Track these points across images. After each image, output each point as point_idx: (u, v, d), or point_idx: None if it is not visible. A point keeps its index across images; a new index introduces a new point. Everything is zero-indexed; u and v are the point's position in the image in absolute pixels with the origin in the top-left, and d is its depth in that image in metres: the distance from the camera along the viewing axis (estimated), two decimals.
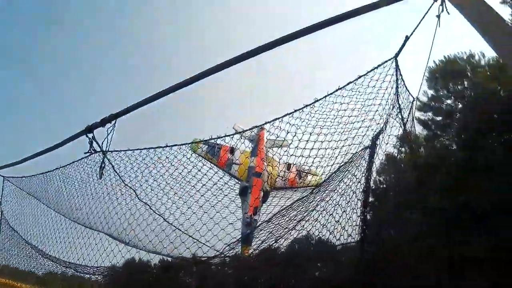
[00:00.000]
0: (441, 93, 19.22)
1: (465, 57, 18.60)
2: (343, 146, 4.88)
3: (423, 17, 4.86)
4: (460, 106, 18.83)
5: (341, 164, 4.74)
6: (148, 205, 6.33)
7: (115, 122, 5.19)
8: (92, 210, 6.62)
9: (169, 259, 6.95)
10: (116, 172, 6.19)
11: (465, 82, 18.49)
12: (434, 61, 19.12)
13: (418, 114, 18.97)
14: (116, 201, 6.36)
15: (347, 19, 4.12)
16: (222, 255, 4.61)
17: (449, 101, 19.19)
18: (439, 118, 19.48)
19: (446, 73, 18.59)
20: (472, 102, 17.61)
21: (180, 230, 6.15)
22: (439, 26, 5.28)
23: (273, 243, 4.67)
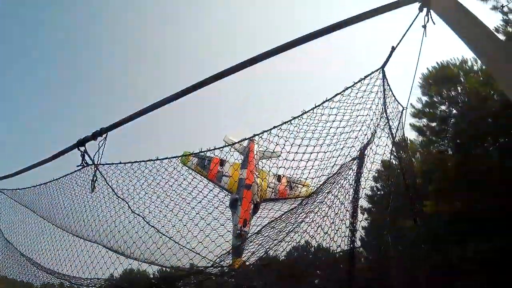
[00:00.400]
0: (435, 99, 19.52)
1: (457, 63, 18.90)
2: (331, 157, 4.93)
3: (409, 28, 4.91)
4: (454, 111, 19.07)
5: (329, 176, 4.79)
6: (141, 216, 6.37)
7: (106, 136, 5.27)
8: (86, 222, 6.65)
9: (168, 269, 6.97)
10: (109, 184, 6.23)
11: (459, 88, 18.78)
12: (427, 68, 19.39)
13: (412, 120, 19.14)
14: (109, 213, 6.40)
15: (333, 31, 4.20)
16: (214, 265, 4.64)
17: (443, 107, 19.48)
18: (433, 124, 19.75)
19: (439, 79, 18.90)
20: (466, 108, 17.84)
21: (174, 241, 6.21)
22: (426, 36, 5.37)
23: (263, 255, 4.70)
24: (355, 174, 4.90)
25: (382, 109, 5.52)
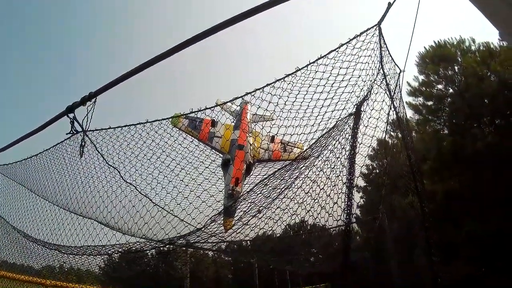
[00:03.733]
0: (432, 78, 19.40)
1: (455, 43, 18.75)
2: (326, 112, 4.76)
3: None
4: (450, 91, 18.97)
5: (325, 131, 4.63)
6: (133, 185, 6.22)
7: (95, 100, 5.15)
8: (79, 194, 6.50)
9: (165, 248, 6.83)
10: (99, 151, 6.06)
11: (456, 67, 18.66)
12: (424, 47, 19.25)
13: (409, 99, 19.02)
14: (101, 183, 6.25)
15: None
16: (205, 226, 4.49)
17: (439, 86, 19.35)
18: (430, 103, 19.66)
19: (436, 58, 18.74)
20: (462, 87, 17.74)
21: (166, 211, 6.07)
22: None
23: (255, 213, 4.56)
24: (351, 129, 4.75)
25: (379, 65, 5.35)
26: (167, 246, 5.49)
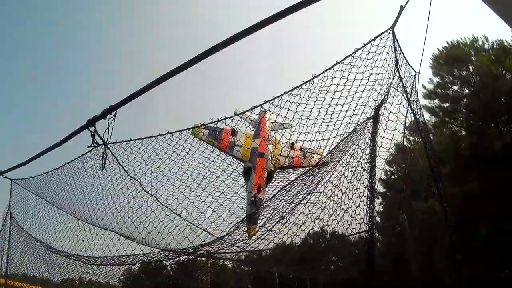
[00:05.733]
0: (447, 80, 19.20)
1: (468, 42, 18.56)
2: (345, 117, 4.81)
3: None
4: (466, 91, 18.73)
5: (345, 136, 4.68)
6: (155, 196, 6.32)
7: (116, 113, 5.22)
8: (99, 206, 6.61)
9: (184, 260, 6.86)
10: (120, 163, 6.19)
11: (470, 67, 18.44)
12: (437, 48, 19.09)
13: (425, 101, 18.82)
14: (122, 195, 6.36)
15: None
16: (229, 233, 4.54)
17: (455, 87, 19.14)
18: (446, 105, 19.43)
19: (450, 59, 18.55)
20: (478, 87, 17.52)
21: (187, 221, 6.12)
22: None
23: (279, 219, 4.59)
24: (370, 133, 4.78)
25: (395, 68, 5.38)
26: (190, 255, 5.54)
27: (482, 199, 15.50)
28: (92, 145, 5.44)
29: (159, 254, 5.38)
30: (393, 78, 5.31)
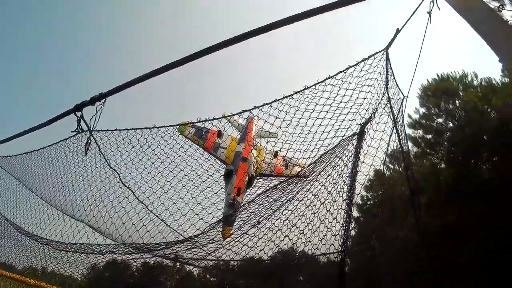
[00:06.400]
0: (433, 111, 19.49)
1: (457, 77, 18.95)
2: (331, 131, 4.88)
3: (414, 12, 4.89)
4: (450, 125, 19.03)
5: (330, 148, 4.73)
6: (132, 190, 6.25)
7: (105, 101, 5.20)
8: (72, 193, 6.53)
9: (151, 262, 6.76)
10: (101, 152, 6.11)
11: (457, 102, 18.77)
12: (427, 79, 19.43)
13: (408, 131, 19.07)
14: (97, 185, 6.29)
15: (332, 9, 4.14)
16: (204, 232, 4.52)
17: (440, 120, 19.42)
18: (429, 136, 19.67)
19: (438, 91, 18.87)
20: (462, 122, 17.80)
21: (160, 219, 6.07)
22: (430, 23, 5.36)
23: (255, 224, 4.59)
24: (354, 148, 4.84)
25: (385, 89, 5.49)
26: (161, 251, 5.47)
27: (460, 231, 15.70)
28: (77, 130, 5.39)
29: (129, 247, 5.31)
30: (382, 98, 5.40)
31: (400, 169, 7.07)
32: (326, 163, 4.79)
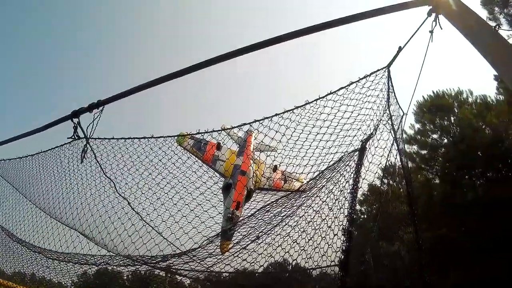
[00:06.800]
0: (428, 127, 19.72)
1: (453, 94, 19.24)
2: (332, 146, 4.88)
3: (416, 31, 4.90)
4: (445, 141, 19.24)
5: (331, 164, 4.71)
6: (128, 200, 6.15)
7: (103, 109, 5.12)
8: (66, 201, 6.41)
9: (142, 271, 6.64)
10: (97, 161, 6.02)
11: (452, 118, 19.02)
12: (422, 96, 19.68)
13: (404, 146, 19.21)
14: (93, 195, 6.19)
15: (338, 25, 4.15)
16: (201, 246, 4.45)
17: (435, 136, 19.65)
18: (424, 152, 19.90)
19: (433, 108, 19.14)
20: (457, 138, 18.01)
21: (156, 230, 5.97)
22: (432, 41, 5.38)
23: (254, 239, 4.53)
24: (356, 164, 4.81)
25: (386, 105, 5.50)
26: (157, 263, 5.38)
27: (451, 245, 15.79)
28: (73, 137, 5.31)
29: (125, 259, 5.21)
30: (383, 115, 5.41)
31: (400, 184, 7.07)
32: (327, 178, 4.76)
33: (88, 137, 5.33)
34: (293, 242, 4.45)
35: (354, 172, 4.71)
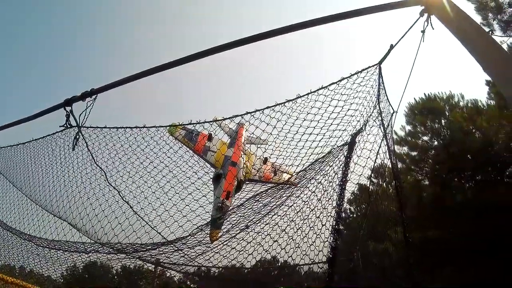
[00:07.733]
0: (418, 129, 19.84)
1: (445, 97, 19.37)
2: (322, 140, 4.96)
3: (408, 30, 4.98)
4: (435, 143, 19.37)
5: (321, 156, 4.79)
6: (117, 190, 6.18)
7: (96, 97, 5.13)
8: (58, 193, 6.42)
9: (131, 265, 6.66)
10: (89, 149, 6.04)
11: (443, 121, 19.16)
12: (414, 98, 19.79)
13: (394, 147, 19.28)
14: (83, 183, 6.21)
15: (331, 21, 4.22)
16: (191, 234, 4.50)
17: (425, 138, 19.76)
18: (414, 153, 19.99)
19: (425, 110, 19.25)
20: (447, 141, 18.14)
21: (145, 221, 6.00)
22: (423, 41, 5.47)
23: (244, 228, 4.60)
24: (345, 157, 4.90)
25: (376, 102, 5.59)
26: (145, 254, 5.42)
27: (441, 246, 15.95)
28: (65, 125, 5.32)
29: (115, 246, 5.24)
30: (373, 111, 5.51)
31: (388, 184, 7.18)
32: (317, 170, 4.84)
33: (80, 125, 5.35)
34: (282, 231, 4.52)
35: (343, 165, 4.80)
